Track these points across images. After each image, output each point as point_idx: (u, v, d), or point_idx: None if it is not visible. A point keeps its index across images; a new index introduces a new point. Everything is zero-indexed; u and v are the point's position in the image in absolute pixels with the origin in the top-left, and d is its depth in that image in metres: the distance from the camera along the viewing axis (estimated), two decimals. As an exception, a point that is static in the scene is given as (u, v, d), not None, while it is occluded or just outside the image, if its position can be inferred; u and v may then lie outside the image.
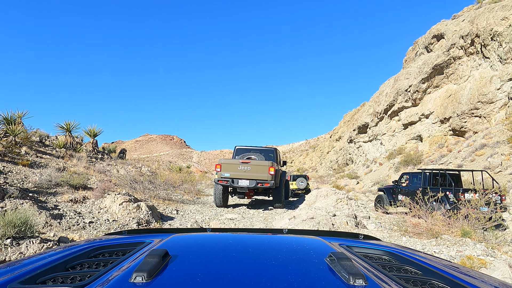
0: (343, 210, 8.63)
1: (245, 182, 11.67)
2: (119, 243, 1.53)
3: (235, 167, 11.87)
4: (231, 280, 0.95)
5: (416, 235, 7.19)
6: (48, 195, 8.37)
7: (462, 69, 28.98)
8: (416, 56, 38.88)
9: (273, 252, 1.29)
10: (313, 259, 1.19)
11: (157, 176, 16.68)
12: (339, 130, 59.39)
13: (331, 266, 1.07)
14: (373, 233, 7.23)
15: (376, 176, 32.12)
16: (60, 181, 9.28)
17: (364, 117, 44.07)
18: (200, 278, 0.95)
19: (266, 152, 13.45)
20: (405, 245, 6.62)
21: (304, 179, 22.02)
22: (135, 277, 0.92)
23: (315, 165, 65.42)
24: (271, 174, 11.47)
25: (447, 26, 33.68)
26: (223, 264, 1.11)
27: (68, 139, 16.57)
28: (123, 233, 1.82)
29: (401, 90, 35.67)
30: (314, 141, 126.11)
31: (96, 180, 11.51)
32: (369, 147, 42.60)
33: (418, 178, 12.52)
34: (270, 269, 1.06)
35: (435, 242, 6.20)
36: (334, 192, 10.65)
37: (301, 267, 1.10)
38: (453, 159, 23.66)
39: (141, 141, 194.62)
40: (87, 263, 1.26)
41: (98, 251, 1.42)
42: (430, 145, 31.14)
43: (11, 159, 10.86)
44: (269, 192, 12.96)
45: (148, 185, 12.22)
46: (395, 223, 8.23)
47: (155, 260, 1.01)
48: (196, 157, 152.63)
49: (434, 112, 31.50)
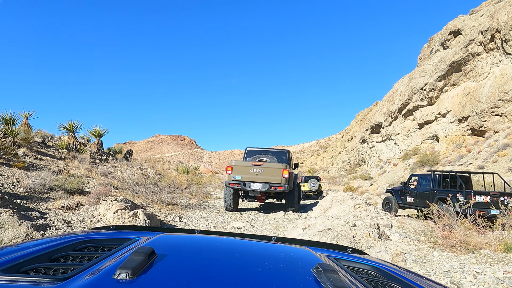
0: (362, 218, 7.77)
1: (257, 185, 11.04)
2: (106, 238, 1.51)
3: (247, 170, 11.23)
4: (214, 284, 0.94)
5: (448, 248, 6.30)
6: (39, 201, 7.67)
7: (482, 66, 27.76)
8: (431, 53, 37.66)
9: (260, 259, 1.29)
10: (300, 269, 1.18)
11: (162, 178, 16.00)
12: (351, 130, 58.24)
13: (317, 277, 1.06)
14: (399, 245, 6.37)
15: (390, 177, 31.06)
16: (54, 185, 8.60)
17: (377, 116, 42.92)
18: (184, 280, 0.94)
19: (278, 154, 12.76)
20: (438, 262, 5.75)
21: (316, 180, 21.15)
22: (119, 274, 0.90)
23: (326, 166, 64.34)
24: (285, 177, 10.85)
25: (464, 22, 32.44)
26: (208, 268, 1.10)
27: (71, 139, 16.00)
28: (110, 228, 1.79)
29: (416, 88, 34.52)
30: (325, 141, 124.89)
31: (96, 184, 10.83)
32: (382, 147, 41.46)
33: (428, 180, 12.32)
34: (255, 275, 1.06)
35: (475, 259, 5.32)
36: (351, 197, 9.77)
37: (287, 276, 1.10)
38: (473, 159, 22.53)
39: (153, 141, 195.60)
40: (71, 256, 1.24)
41: (84, 244, 1.40)
42: (447, 145, 29.94)
43: (6, 161, 10.25)
44: (282, 196, 12.36)
45: (152, 188, 11.51)
46: (422, 233, 7.35)
47: (140, 258, 0.99)
48: (206, 157, 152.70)
49: (451, 111, 30.30)
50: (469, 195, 10.04)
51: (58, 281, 0.92)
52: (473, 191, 10.26)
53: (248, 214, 11.34)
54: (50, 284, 0.91)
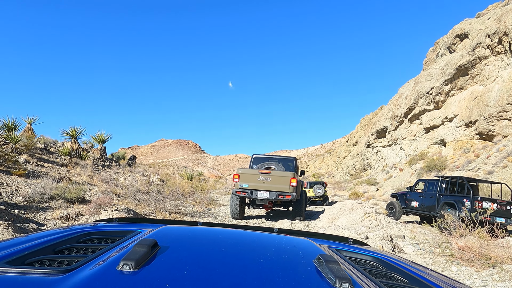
0: (374, 229, 7.43)
1: (265, 194, 10.79)
2: (109, 230, 1.51)
3: (255, 178, 10.99)
4: (217, 275, 0.95)
5: (466, 262, 5.96)
6: (38, 211, 7.41)
7: (489, 70, 27.36)
8: (437, 57, 37.30)
9: (261, 250, 1.29)
10: (301, 259, 1.19)
11: (166, 184, 15.73)
12: (356, 134, 57.81)
13: (318, 268, 1.06)
14: (413, 258, 6.04)
15: (397, 182, 30.61)
16: (54, 194, 8.33)
17: (383, 120, 42.52)
18: (187, 271, 0.95)
19: (285, 162, 12.51)
20: (457, 278, 5.41)
21: (321, 186, 20.80)
22: (123, 265, 0.91)
23: (331, 170, 63.91)
24: (293, 186, 10.61)
25: (471, 25, 32.09)
26: (210, 258, 1.11)
27: (74, 146, 15.80)
28: (114, 221, 1.80)
29: (422, 92, 34.13)
30: (329, 145, 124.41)
31: (98, 191, 10.58)
32: (388, 152, 41.01)
33: (435, 186, 12.24)
34: (257, 266, 1.07)
35: (497, 276, 4.98)
36: (361, 206, 9.44)
37: (289, 266, 1.10)
38: (482, 165, 22.09)
39: (157, 146, 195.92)
40: (75, 248, 1.24)
41: (87, 236, 1.39)
42: (455, 150, 29.47)
43: (6, 169, 10.03)
44: (289, 204, 12.11)
45: (155, 196, 11.24)
46: (436, 244, 7.01)
47: (143, 249, 1.00)
48: (211, 162, 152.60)
49: (458, 115, 29.86)
50: (476, 201, 10.01)
51: (62, 272, 0.92)
52: (480, 197, 10.25)
53: (254, 223, 11.07)
54: (55, 275, 0.90)
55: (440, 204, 11.44)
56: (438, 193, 11.72)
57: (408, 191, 13.51)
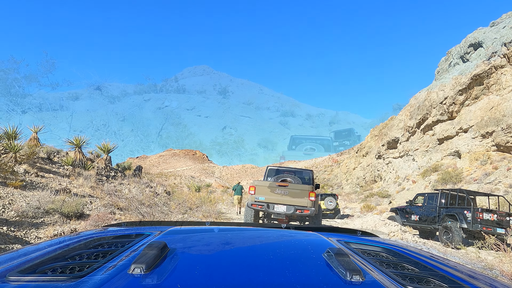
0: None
1: (282, 207, 10.17)
2: (118, 235, 1.50)
3: (271, 191, 10.39)
4: (228, 274, 0.94)
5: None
6: (30, 228, 6.74)
7: (506, 79, 26.51)
8: (450, 66, 36.54)
9: (271, 247, 1.28)
10: (311, 254, 1.19)
11: (172, 197, 15.06)
12: (366, 145, 56.76)
13: (328, 261, 1.06)
14: None
15: (410, 194, 29.52)
16: (50, 208, 7.68)
17: (394, 131, 41.59)
18: (198, 271, 0.94)
19: (301, 174, 11.78)
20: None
21: (333, 198, 20.06)
22: (134, 269, 0.91)
23: (340, 182, 62.72)
24: (312, 200, 10.02)
25: (485, 34, 31.36)
26: (221, 258, 1.10)
27: (78, 155, 15.24)
28: (122, 225, 1.79)
29: (435, 102, 33.26)
30: (337, 156, 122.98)
31: (99, 204, 9.92)
32: (400, 163, 39.95)
33: (434, 199, 12.44)
34: (267, 263, 1.06)
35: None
36: (385, 224, 8.66)
37: (299, 261, 1.09)
38: (502, 177, 21.11)
39: (165, 156, 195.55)
40: (86, 254, 1.22)
41: (97, 242, 1.37)
42: (471, 161, 28.42)
43: (3, 180, 9.43)
44: (305, 220, 11.39)
45: (161, 209, 10.57)
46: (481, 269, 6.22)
47: (153, 252, 1.00)
48: (218, 172, 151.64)
49: (473, 126, 28.89)
50: (477, 212, 10.38)
51: (75, 278, 0.92)
52: (480, 208, 10.66)
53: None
54: (67, 282, 0.90)
55: (441, 216, 11.56)
56: (439, 206, 12.00)
57: (408, 205, 13.57)
